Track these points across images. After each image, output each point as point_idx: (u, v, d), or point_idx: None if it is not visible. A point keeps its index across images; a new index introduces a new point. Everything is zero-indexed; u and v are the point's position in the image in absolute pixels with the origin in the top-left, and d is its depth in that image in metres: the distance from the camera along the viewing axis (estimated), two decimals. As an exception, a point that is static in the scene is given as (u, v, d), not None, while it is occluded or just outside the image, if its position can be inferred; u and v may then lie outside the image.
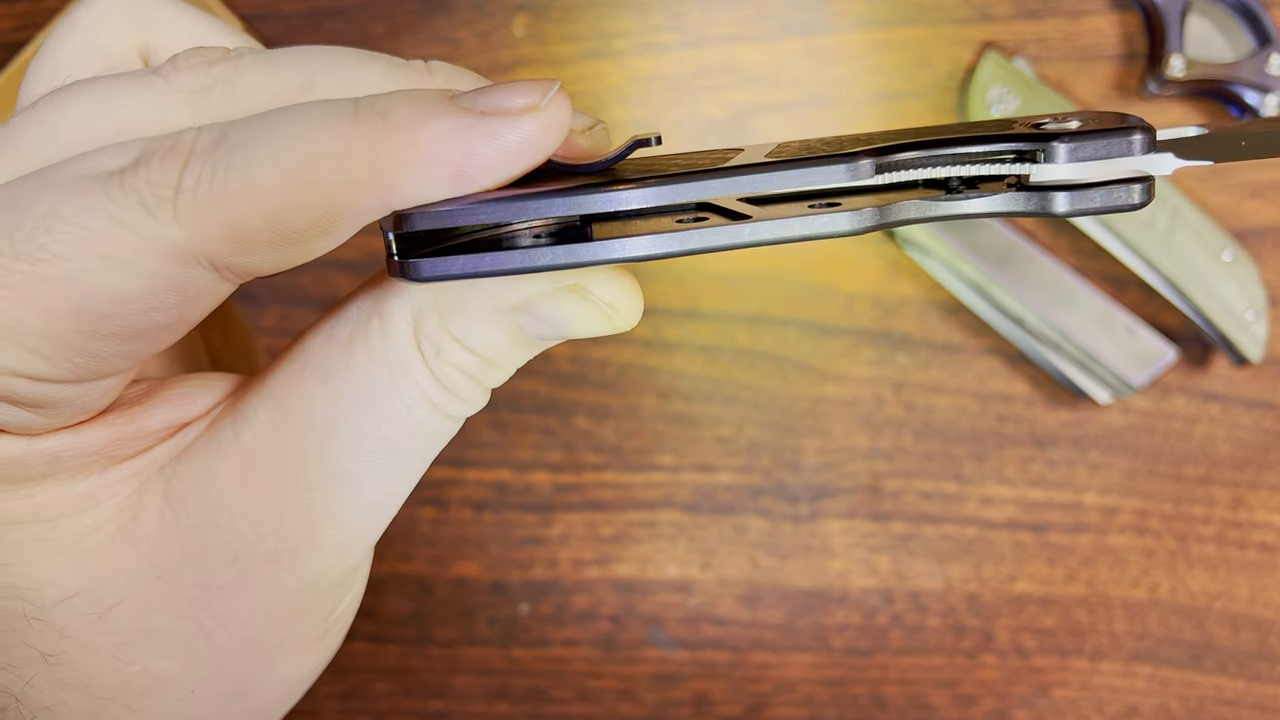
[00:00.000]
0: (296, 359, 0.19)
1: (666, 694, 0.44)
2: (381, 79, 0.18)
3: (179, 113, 0.18)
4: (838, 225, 0.17)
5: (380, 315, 0.18)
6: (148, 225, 0.15)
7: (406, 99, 0.16)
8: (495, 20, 0.45)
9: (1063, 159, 0.17)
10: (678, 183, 0.17)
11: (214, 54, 0.18)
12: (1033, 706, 0.43)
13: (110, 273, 0.16)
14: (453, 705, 0.44)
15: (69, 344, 0.16)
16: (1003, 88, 0.42)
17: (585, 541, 0.44)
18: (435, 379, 0.18)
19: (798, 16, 0.44)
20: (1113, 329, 0.42)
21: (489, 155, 0.16)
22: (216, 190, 0.16)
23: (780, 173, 0.17)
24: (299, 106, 0.16)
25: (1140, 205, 0.17)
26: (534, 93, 0.17)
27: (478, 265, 0.17)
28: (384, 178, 0.16)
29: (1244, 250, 0.42)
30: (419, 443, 0.19)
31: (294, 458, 0.18)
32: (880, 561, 0.44)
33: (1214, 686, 0.43)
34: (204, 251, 0.16)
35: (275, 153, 0.16)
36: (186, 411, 0.19)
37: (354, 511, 0.19)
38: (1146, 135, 0.17)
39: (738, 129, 0.44)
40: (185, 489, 0.18)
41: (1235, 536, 0.43)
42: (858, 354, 0.44)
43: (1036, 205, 0.17)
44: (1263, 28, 0.42)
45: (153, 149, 0.16)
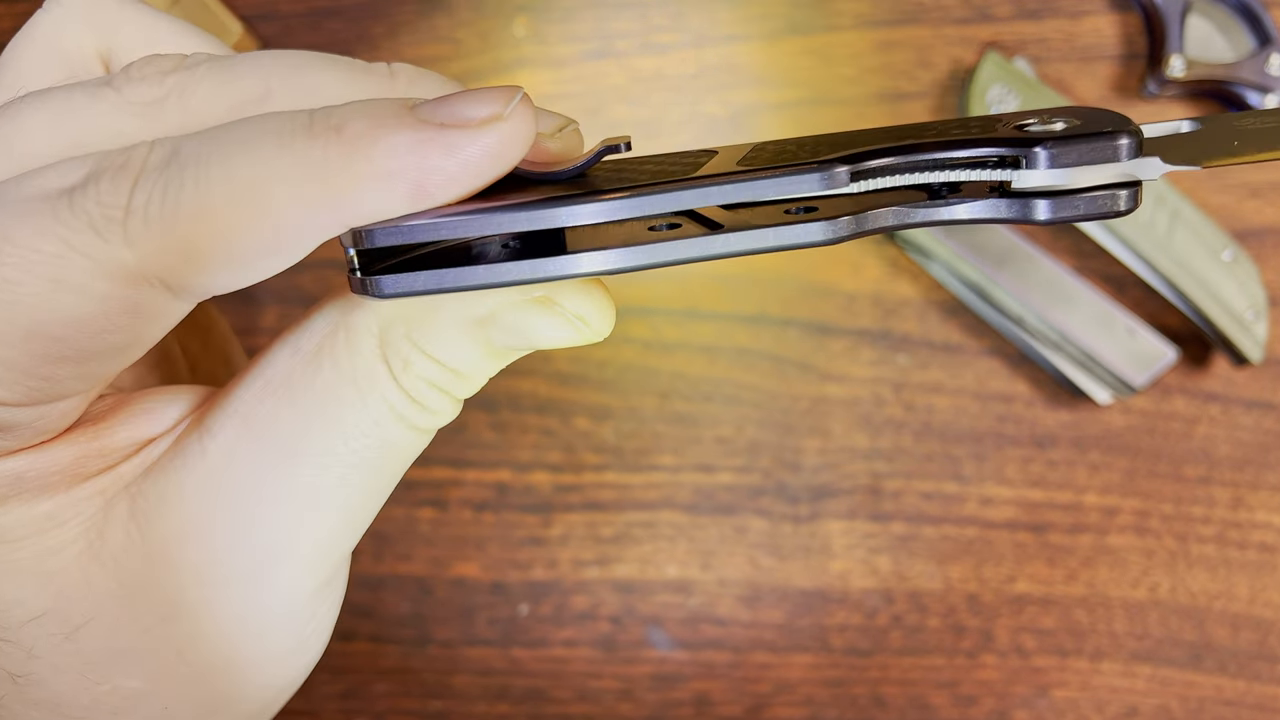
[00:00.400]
0: (261, 372, 0.18)
1: (666, 694, 0.44)
2: (341, 86, 0.18)
3: (133, 126, 0.17)
4: (812, 235, 0.16)
5: (346, 328, 0.18)
6: (97, 247, 0.15)
7: (362, 111, 0.16)
8: (495, 20, 0.44)
9: (1044, 165, 0.16)
10: (645, 195, 0.16)
11: (168, 63, 0.18)
12: (1033, 707, 0.43)
13: (61, 296, 0.15)
14: (453, 705, 0.44)
15: (22, 368, 0.16)
16: (1003, 88, 0.42)
17: (585, 542, 0.44)
18: (403, 392, 0.18)
19: (799, 16, 0.44)
20: (1113, 329, 0.42)
21: (449, 169, 0.16)
22: (167, 210, 0.15)
23: (752, 183, 0.16)
24: (252, 120, 0.16)
25: (1126, 212, 0.16)
26: (495, 102, 0.16)
27: (440, 281, 0.16)
28: (339, 195, 0.15)
29: (1244, 250, 0.42)
30: (389, 456, 0.18)
31: (261, 474, 0.18)
32: (880, 562, 0.44)
33: (1214, 687, 0.43)
34: (156, 273, 0.15)
35: (227, 171, 0.15)
36: (152, 427, 0.19)
37: (325, 526, 0.18)
38: (1133, 139, 0.16)
39: (738, 128, 0.44)
40: (151, 506, 0.18)
41: (1235, 537, 0.43)
42: (858, 354, 0.44)
43: (1018, 212, 0.17)
44: (1263, 28, 0.42)
45: (103, 167, 0.16)
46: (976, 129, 0.17)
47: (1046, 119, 0.17)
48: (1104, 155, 0.16)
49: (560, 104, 0.44)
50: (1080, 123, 0.17)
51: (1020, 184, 0.16)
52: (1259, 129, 0.18)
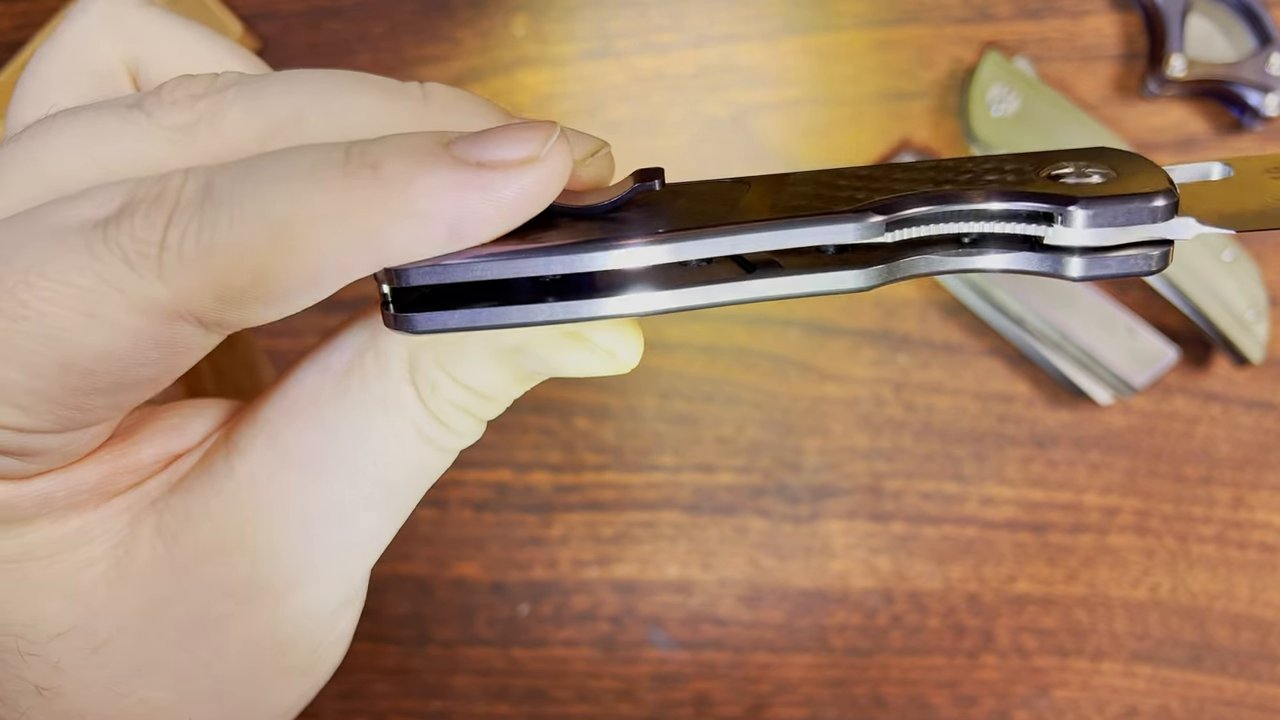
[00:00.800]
0: (289, 390, 0.18)
1: (666, 694, 0.44)
2: (373, 111, 0.18)
3: (164, 151, 0.17)
4: (846, 282, 0.16)
5: (375, 350, 0.18)
6: (132, 282, 0.15)
7: (398, 148, 0.16)
8: (495, 20, 0.44)
9: (1081, 225, 0.16)
10: (680, 240, 0.16)
11: (198, 85, 0.17)
12: (1033, 707, 0.43)
13: (94, 330, 0.15)
14: (453, 705, 0.44)
15: (53, 399, 0.16)
16: (1003, 87, 0.42)
17: (585, 542, 0.44)
18: (431, 415, 0.18)
19: (798, 15, 0.44)
20: (1113, 329, 0.42)
21: (485, 211, 0.16)
22: (202, 247, 0.15)
23: (786, 230, 0.16)
24: (287, 153, 0.16)
25: (1158, 271, 0.16)
26: (532, 141, 0.16)
27: (474, 320, 0.16)
28: (375, 235, 0.15)
29: (1245, 250, 0.42)
30: (414, 476, 0.19)
31: (288, 492, 0.18)
32: (880, 562, 0.43)
33: (1214, 687, 0.43)
34: (190, 308, 0.15)
35: (262, 208, 0.15)
36: (179, 443, 0.19)
37: (348, 544, 0.19)
38: (1170, 200, 0.16)
39: (739, 128, 0.44)
40: (179, 523, 0.18)
41: (1236, 537, 0.43)
42: (858, 354, 0.44)
43: (1051, 267, 0.17)
44: (1263, 27, 0.42)
45: (137, 198, 0.15)
46: (1011, 175, 0.17)
47: (1081, 168, 0.17)
48: (1140, 218, 0.16)
49: (560, 104, 0.44)
50: (1116, 174, 0.17)
51: (1054, 240, 0.16)
52: None
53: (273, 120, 0.17)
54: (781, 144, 0.44)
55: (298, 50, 0.45)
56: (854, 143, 0.44)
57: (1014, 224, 0.17)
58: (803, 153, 0.44)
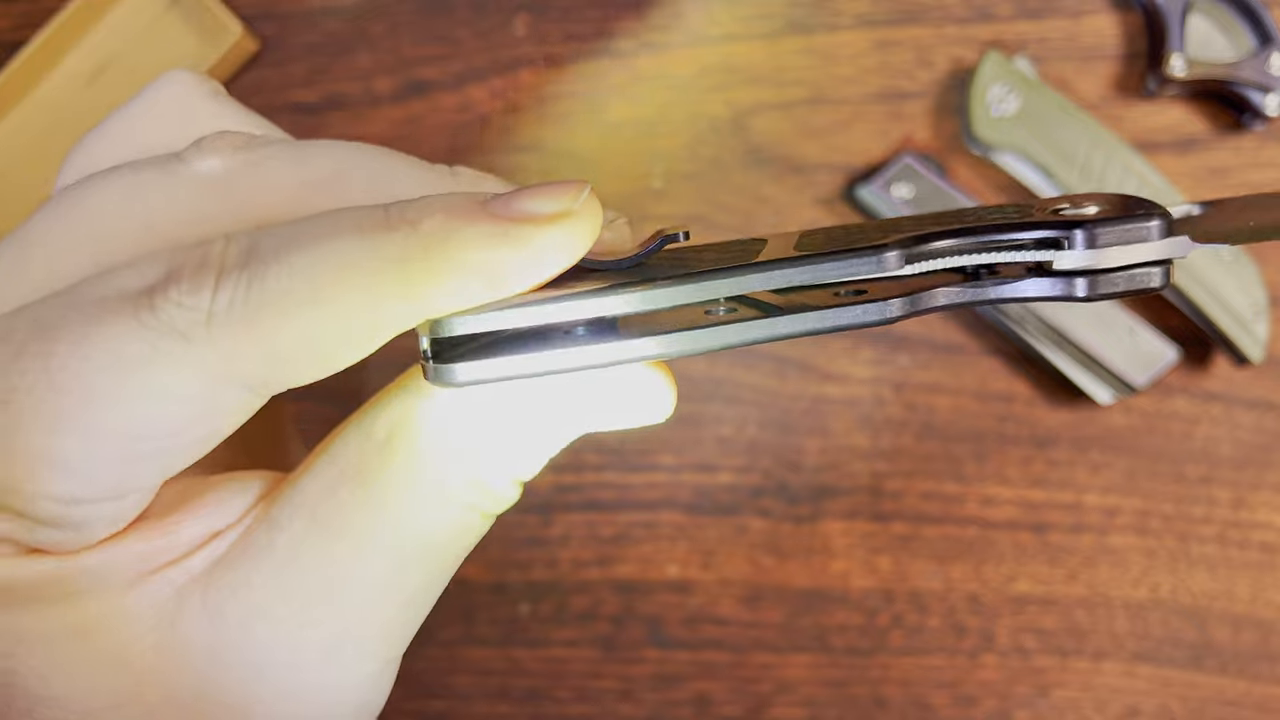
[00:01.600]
0: (332, 461, 0.18)
1: (666, 694, 0.44)
2: (409, 178, 0.18)
3: (204, 201, 0.17)
4: (869, 316, 0.17)
5: (418, 418, 0.18)
6: (180, 349, 0.15)
7: (438, 205, 0.16)
8: (495, 20, 0.44)
9: (1083, 245, 0.17)
10: (712, 279, 0.17)
11: (239, 139, 0.18)
12: (1033, 707, 0.43)
13: (143, 398, 0.15)
14: (453, 705, 0.44)
15: (105, 467, 0.16)
16: (1004, 87, 0.42)
17: (585, 542, 0.44)
18: (470, 482, 0.18)
19: (799, 15, 0.44)
20: (1114, 329, 0.42)
21: (521, 262, 0.16)
22: (249, 309, 0.15)
23: (812, 266, 0.17)
24: (328, 215, 0.16)
25: (1161, 288, 0.18)
26: (565, 197, 0.16)
27: (512, 369, 0.17)
28: (416, 288, 0.16)
29: (1244, 250, 0.42)
30: (457, 543, 0.19)
31: (329, 569, 0.18)
32: (881, 562, 0.43)
33: (1215, 687, 0.43)
34: (239, 372, 0.16)
35: (308, 269, 0.15)
36: (220, 519, 0.19)
37: (391, 614, 0.19)
38: (1164, 220, 0.17)
39: (739, 128, 0.44)
40: (223, 599, 0.18)
41: (1236, 537, 0.43)
42: (858, 354, 0.44)
43: (1061, 290, 0.18)
44: (1264, 27, 0.42)
45: (181, 264, 0.16)
46: (1014, 213, 0.18)
47: (1079, 202, 0.18)
48: (1138, 236, 0.17)
49: (560, 104, 0.44)
50: (1109, 206, 0.18)
51: (1060, 264, 0.18)
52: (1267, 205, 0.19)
53: (313, 175, 0.18)
54: (781, 144, 0.44)
55: (298, 50, 0.45)
56: (854, 143, 0.44)
57: (1024, 252, 0.18)
58: (803, 153, 0.44)
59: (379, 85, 0.45)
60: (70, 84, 0.45)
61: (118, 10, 0.45)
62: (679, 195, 0.44)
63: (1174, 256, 0.18)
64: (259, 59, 0.45)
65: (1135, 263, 0.17)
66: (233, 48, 0.43)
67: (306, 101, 0.45)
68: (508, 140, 0.44)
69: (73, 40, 0.45)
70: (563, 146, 0.44)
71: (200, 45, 0.44)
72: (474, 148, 0.44)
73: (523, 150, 0.44)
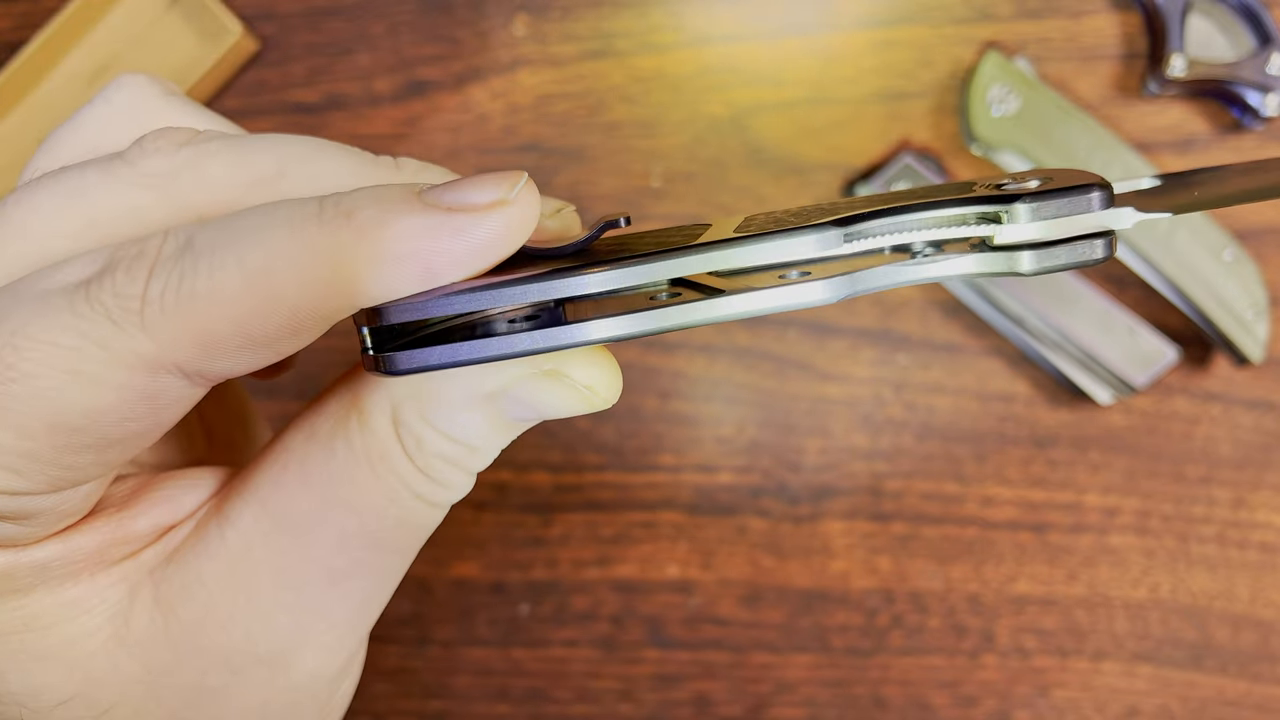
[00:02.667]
0: (278, 457, 0.19)
1: (666, 694, 0.44)
2: (351, 173, 0.18)
3: (147, 199, 0.17)
4: (812, 295, 0.17)
5: (359, 410, 0.18)
6: (115, 338, 0.15)
7: (371, 197, 0.16)
8: (495, 20, 0.44)
9: (1024, 219, 0.17)
10: (650, 261, 0.17)
11: (181, 135, 0.18)
12: (1034, 707, 0.43)
13: (80, 387, 0.15)
14: (453, 705, 0.44)
15: (44, 459, 0.16)
16: (1003, 87, 0.42)
17: (585, 542, 0.44)
18: (419, 470, 0.18)
19: (799, 15, 0.44)
20: (1113, 329, 0.42)
21: (457, 252, 0.16)
22: (182, 299, 0.15)
23: (749, 246, 0.17)
24: (263, 208, 0.16)
25: (1104, 259, 0.18)
26: (501, 186, 0.16)
27: (454, 355, 0.17)
28: (351, 279, 0.16)
29: (1244, 250, 0.42)
30: (406, 534, 0.19)
31: (280, 560, 0.18)
32: (881, 562, 0.43)
33: (1215, 687, 0.43)
34: (173, 360, 0.16)
35: (239, 258, 0.15)
36: (173, 513, 0.19)
37: (344, 608, 0.19)
38: (1104, 191, 0.17)
39: (739, 128, 0.44)
40: (175, 593, 0.18)
41: (1236, 537, 0.43)
42: (858, 354, 0.44)
43: (1004, 265, 0.18)
44: (1264, 27, 0.42)
45: (118, 258, 0.16)
46: (955, 192, 0.18)
47: (1021, 178, 0.18)
48: (1079, 207, 0.17)
49: (560, 104, 0.44)
50: (1051, 179, 0.18)
51: (1003, 239, 0.18)
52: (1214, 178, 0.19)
53: (256, 173, 0.17)
54: (781, 144, 0.44)
55: (298, 50, 0.45)
56: (854, 143, 0.44)
57: (965, 227, 0.18)
58: (803, 153, 0.44)
59: (379, 85, 0.45)
60: (70, 84, 0.45)
61: (118, 10, 0.45)
62: (678, 195, 0.44)
63: (1117, 227, 0.18)
64: (259, 59, 0.45)
65: (1077, 235, 0.17)
66: (233, 48, 0.43)
67: (306, 101, 0.45)
68: (508, 140, 0.44)
69: (73, 40, 0.45)
70: (563, 146, 0.44)
71: (200, 45, 0.44)
72: (474, 148, 0.44)
73: (523, 150, 0.44)
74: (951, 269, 0.18)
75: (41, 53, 0.44)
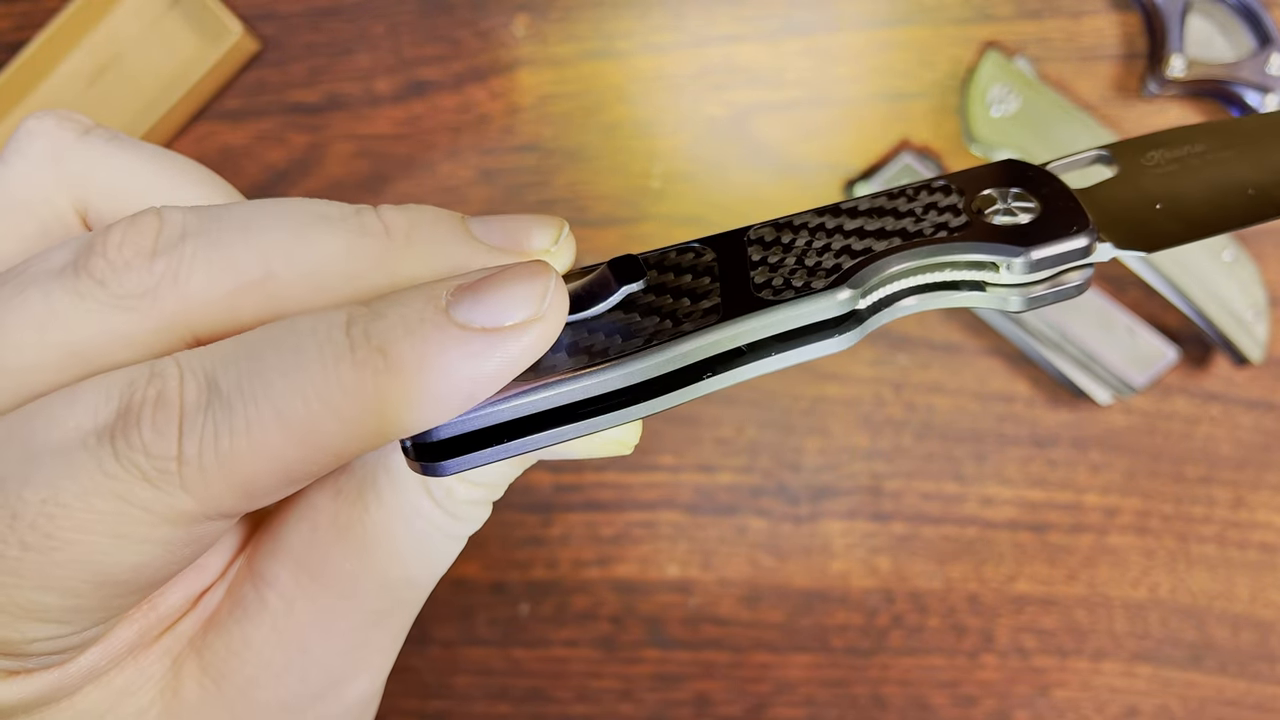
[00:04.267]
0: (306, 515, 0.19)
1: (667, 694, 0.44)
2: (340, 257, 0.17)
3: (129, 322, 0.16)
4: (831, 349, 0.18)
5: (386, 468, 0.18)
6: (156, 500, 0.15)
7: (403, 328, 0.15)
8: (495, 20, 0.44)
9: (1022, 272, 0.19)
10: (678, 346, 0.17)
11: (146, 238, 0.16)
12: (1033, 707, 0.43)
13: (125, 548, 0.15)
14: (453, 705, 0.44)
15: (91, 610, 0.16)
16: (1003, 87, 0.42)
17: (585, 542, 0.44)
18: (448, 515, 0.19)
19: (799, 16, 0.44)
20: (1113, 329, 0.42)
21: (496, 372, 0.16)
22: (222, 456, 0.15)
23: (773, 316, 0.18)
24: (285, 336, 0.15)
25: (1083, 292, 0.19)
26: (533, 297, 0.16)
27: (505, 453, 0.17)
28: (395, 420, 0.15)
29: (1244, 250, 0.42)
30: (436, 568, 0.20)
31: (324, 616, 0.18)
32: (881, 562, 0.43)
33: (1215, 687, 0.43)
34: (217, 511, 0.15)
35: (278, 411, 0.15)
36: (201, 580, 0.19)
37: (386, 638, 0.20)
38: (1093, 239, 0.19)
39: (739, 128, 0.44)
40: (220, 660, 0.18)
41: (1236, 537, 0.43)
42: (858, 354, 0.44)
43: (996, 304, 0.19)
44: (1263, 28, 0.42)
45: (136, 402, 0.15)
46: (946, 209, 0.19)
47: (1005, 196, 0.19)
48: (1072, 259, 0.19)
49: (560, 104, 0.44)
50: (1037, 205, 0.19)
51: (998, 281, 0.19)
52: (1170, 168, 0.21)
53: (240, 278, 0.16)
54: (781, 144, 0.44)
55: (298, 50, 0.45)
56: (854, 143, 0.44)
57: (967, 272, 0.19)
58: (803, 153, 0.44)
59: (379, 85, 0.45)
60: (70, 84, 0.45)
61: (118, 10, 0.45)
62: (678, 195, 0.44)
63: (1098, 261, 0.19)
64: (259, 59, 0.45)
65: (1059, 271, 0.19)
66: (233, 48, 0.43)
67: (306, 101, 0.45)
68: (508, 140, 0.44)
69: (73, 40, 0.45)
70: (563, 146, 0.44)
71: (200, 45, 0.44)
72: (474, 148, 0.44)
73: (523, 150, 0.44)
74: (949, 302, 0.19)
75: (41, 53, 0.44)
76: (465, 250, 0.17)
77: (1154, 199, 0.20)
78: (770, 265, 0.18)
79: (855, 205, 0.19)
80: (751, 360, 0.18)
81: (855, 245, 0.19)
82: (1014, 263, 0.18)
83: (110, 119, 0.44)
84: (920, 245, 0.19)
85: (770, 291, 0.18)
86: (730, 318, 0.18)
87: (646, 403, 0.17)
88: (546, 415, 0.17)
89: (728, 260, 0.19)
